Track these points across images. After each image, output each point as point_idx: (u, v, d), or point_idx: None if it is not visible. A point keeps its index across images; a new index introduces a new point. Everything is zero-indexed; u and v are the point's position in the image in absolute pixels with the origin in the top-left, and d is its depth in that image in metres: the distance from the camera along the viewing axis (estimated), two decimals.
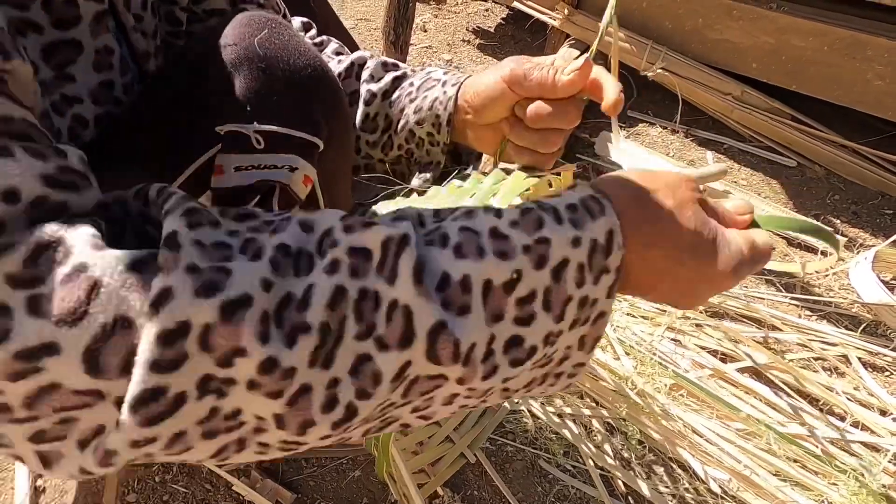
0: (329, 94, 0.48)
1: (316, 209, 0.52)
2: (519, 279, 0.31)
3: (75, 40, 0.40)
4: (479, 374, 0.31)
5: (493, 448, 0.86)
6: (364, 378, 0.29)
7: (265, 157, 0.44)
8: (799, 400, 0.94)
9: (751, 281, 1.17)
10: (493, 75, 0.52)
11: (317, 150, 0.47)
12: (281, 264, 0.29)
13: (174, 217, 0.28)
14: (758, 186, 1.44)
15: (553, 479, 0.83)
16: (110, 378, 0.25)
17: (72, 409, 0.25)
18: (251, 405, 0.28)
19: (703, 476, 0.82)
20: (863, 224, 1.34)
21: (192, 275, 0.26)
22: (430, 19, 2.07)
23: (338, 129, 0.50)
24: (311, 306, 0.28)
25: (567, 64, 0.49)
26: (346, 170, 0.55)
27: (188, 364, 0.26)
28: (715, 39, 1.55)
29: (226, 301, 0.26)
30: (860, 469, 0.82)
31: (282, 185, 0.46)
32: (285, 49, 0.45)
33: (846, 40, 1.39)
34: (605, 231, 0.34)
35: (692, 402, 0.92)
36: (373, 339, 0.29)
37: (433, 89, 0.57)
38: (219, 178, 0.44)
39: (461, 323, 0.30)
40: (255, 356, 0.26)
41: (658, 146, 1.54)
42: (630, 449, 0.86)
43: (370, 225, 0.30)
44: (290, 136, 0.45)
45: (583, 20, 1.63)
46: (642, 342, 0.99)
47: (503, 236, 0.32)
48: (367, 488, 0.81)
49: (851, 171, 1.45)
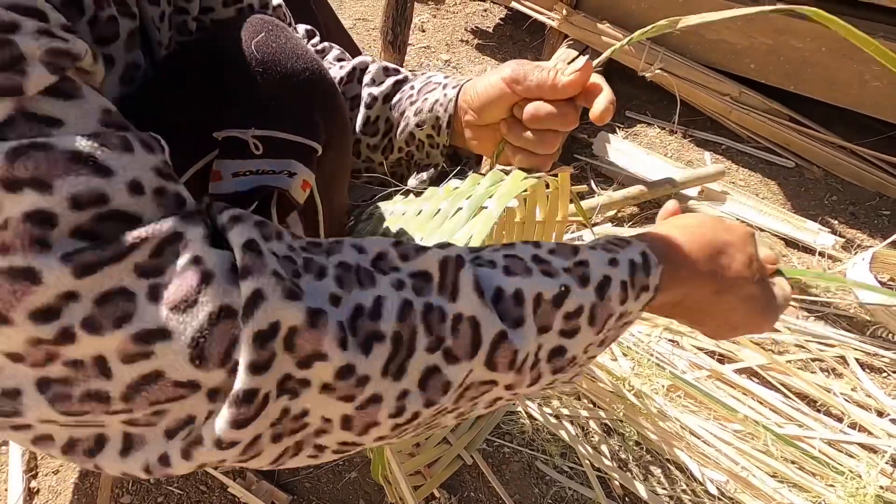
0: (327, 97, 0.48)
1: (314, 213, 0.51)
2: (567, 294, 0.34)
3: (111, 56, 0.40)
4: (526, 381, 0.34)
5: (490, 449, 0.86)
6: (432, 390, 0.30)
7: (263, 163, 0.44)
8: (796, 401, 0.93)
9: None
10: (495, 76, 0.52)
11: (315, 154, 0.47)
12: (344, 279, 0.30)
13: (247, 226, 0.28)
14: (756, 187, 1.44)
15: (550, 481, 0.83)
16: (211, 368, 0.26)
17: (166, 402, 0.26)
18: (320, 407, 0.29)
19: (701, 477, 0.82)
20: (860, 225, 1.34)
21: (279, 280, 0.27)
22: (428, 19, 2.07)
23: (336, 132, 0.50)
24: (382, 316, 0.29)
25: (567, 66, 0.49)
26: (344, 174, 0.55)
27: (275, 364, 0.27)
28: (713, 40, 1.55)
29: (310, 307, 0.27)
30: (857, 471, 0.82)
31: (280, 190, 0.46)
32: (283, 52, 0.45)
33: (843, 41, 1.39)
34: (638, 252, 0.38)
35: (689, 403, 0.91)
36: (441, 351, 0.30)
37: (434, 91, 0.57)
38: (216, 183, 0.44)
39: (518, 333, 0.32)
40: (334, 361, 0.28)
41: (656, 147, 1.53)
42: (627, 450, 0.86)
43: (424, 249, 0.32)
44: (288, 141, 0.45)
45: (581, 21, 1.63)
46: (640, 343, 0.98)
47: (545, 260, 0.35)
48: (364, 490, 0.80)
49: (849, 172, 1.45)
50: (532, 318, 0.33)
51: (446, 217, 0.51)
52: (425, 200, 0.55)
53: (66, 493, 0.77)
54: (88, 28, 0.37)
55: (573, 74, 0.48)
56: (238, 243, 0.27)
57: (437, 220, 0.51)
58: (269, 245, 0.29)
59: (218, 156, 0.43)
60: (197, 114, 0.43)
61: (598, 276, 0.35)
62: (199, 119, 0.42)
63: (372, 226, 0.59)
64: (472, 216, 0.49)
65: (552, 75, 0.49)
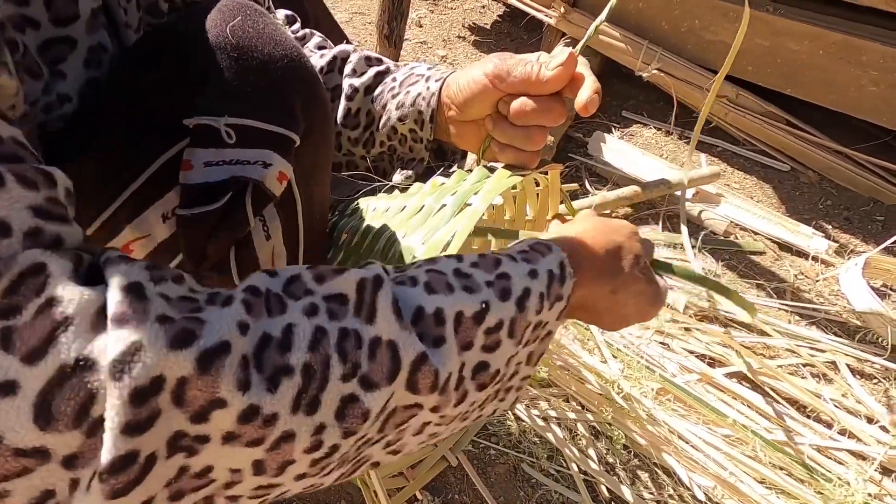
0: (306, 86, 0.46)
1: (292, 207, 0.50)
2: (487, 310, 0.34)
3: (71, 38, 0.39)
4: (452, 401, 0.33)
5: (476, 451, 0.84)
6: (351, 419, 0.29)
7: (237, 153, 0.42)
8: (786, 406, 0.93)
9: (741, 285, 1.17)
10: (477, 71, 0.51)
11: (293, 144, 0.45)
12: (253, 305, 0.28)
13: (135, 268, 0.26)
14: (750, 190, 1.43)
15: (536, 484, 0.82)
16: (61, 429, 0.22)
17: (9, 478, 0.22)
18: (225, 459, 0.26)
19: (688, 482, 0.81)
20: (854, 230, 1.34)
21: (165, 325, 0.24)
22: (425, 14, 2.05)
23: (316, 122, 0.47)
24: (292, 347, 0.27)
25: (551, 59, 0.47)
26: (326, 166, 0.53)
27: (160, 422, 0.24)
28: (710, 41, 1.54)
29: (202, 350, 0.25)
30: (846, 478, 0.81)
31: (255, 182, 0.44)
32: (260, 38, 0.42)
33: (841, 45, 1.38)
34: (557, 262, 0.38)
35: (679, 407, 0.90)
36: (358, 379, 0.29)
37: (416, 85, 0.55)
38: (187, 173, 0.42)
39: (439, 353, 0.32)
40: (235, 405, 0.25)
41: (652, 147, 1.52)
42: (615, 454, 0.85)
43: (341, 271, 0.31)
44: (263, 130, 0.42)
45: (579, 18, 1.62)
46: (630, 345, 0.97)
47: (466, 275, 0.35)
48: (346, 491, 0.79)
49: (844, 177, 1.44)
50: (453, 336, 0.32)
51: (430, 214, 0.49)
52: (409, 196, 0.54)
53: None
54: (44, 8, 0.35)
55: (557, 68, 0.46)
56: (118, 285, 0.24)
57: (421, 216, 0.50)
58: (161, 288, 0.26)
59: (189, 144, 0.41)
60: (167, 100, 0.41)
61: (518, 290, 0.35)
62: (169, 105, 0.41)
63: (354, 222, 0.57)
64: (455, 213, 0.48)
65: (536, 70, 0.47)
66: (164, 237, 0.45)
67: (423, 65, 0.58)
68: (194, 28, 0.41)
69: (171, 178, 0.42)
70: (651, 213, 1.31)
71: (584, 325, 0.99)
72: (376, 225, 0.53)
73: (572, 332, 0.99)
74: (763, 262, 1.23)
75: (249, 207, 0.44)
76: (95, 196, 0.43)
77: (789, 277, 1.19)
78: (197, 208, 0.42)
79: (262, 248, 0.48)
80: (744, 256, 1.23)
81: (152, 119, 0.41)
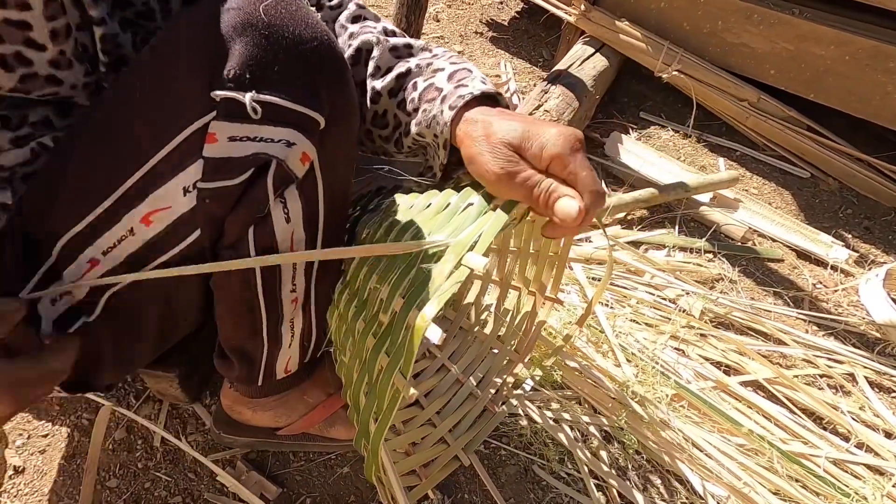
0: (335, 71, 0.45)
1: (314, 192, 0.49)
2: None
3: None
4: None
5: (487, 451, 0.84)
6: None
7: (261, 129, 0.42)
8: (802, 417, 0.91)
9: (758, 293, 1.15)
10: (483, 166, 0.46)
11: (318, 127, 0.45)
12: None
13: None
14: (769, 196, 1.41)
15: (547, 486, 0.81)
16: None
17: None
18: None
19: (701, 491, 0.80)
20: (875, 240, 1.31)
21: None
22: (443, 9, 2.03)
23: (342, 108, 0.47)
24: None
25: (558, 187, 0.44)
26: (350, 154, 0.52)
27: None
28: (733, 43, 1.51)
29: None
30: (863, 493, 0.80)
31: (278, 160, 0.44)
32: (292, 19, 0.42)
33: (868, 51, 1.36)
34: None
35: (693, 414, 0.89)
36: None
37: (433, 103, 0.52)
38: (211, 146, 0.42)
39: None
40: None
41: (669, 150, 1.50)
42: (627, 459, 0.84)
43: None
44: (289, 109, 0.42)
45: (599, 17, 1.59)
46: (644, 350, 0.96)
47: None
48: (356, 486, 0.78)
49: (865, 186, 1.42)
50: None
51: (456, 212, 0.48)
52: (434, 195, 0.53)
53: (52, 474, 0.76)
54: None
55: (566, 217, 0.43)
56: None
57: (447, 214, 0.49)
58: None
59: (215, 117, 0.41)
60: (196, 70, 0.40)
61: None
62: (197, 76, 0.40)
63: (379, 217, 0.57)
64: (482, 212, 0.47)
65: (544, 197, 0.44)
66: (184, 210, 0.45)
67: (446, 63, 0.55)
68: (227, 6, 0.41)
69: (195, 151, 0.42)
70: (668, 217, 1.29)
71: (598, 328, 0.98)
72: (401, 221, 0.52)
73: (586, 334, 0.97)
74: (781, 269, 1.21)
75: (270, 185, 0.44)
76: (117, 165, 0.43)
77: (807, 286, 1.17)
78: (218, 182, 0.43)
79: (282, 229, 0.48)
80: (761, 263, 1.21)
81: (179, 90, 0.41)
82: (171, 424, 0.82)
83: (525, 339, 0.82)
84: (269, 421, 0.74)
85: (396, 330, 0.44)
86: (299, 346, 0.62)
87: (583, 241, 1.18)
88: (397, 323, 0.44)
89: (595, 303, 0.71)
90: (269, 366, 0.63)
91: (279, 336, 0.59)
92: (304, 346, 0.63)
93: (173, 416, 0.83)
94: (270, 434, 0.76)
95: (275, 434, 0.76)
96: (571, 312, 0.99)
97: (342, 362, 0.60)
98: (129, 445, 0.79)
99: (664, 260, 1.15)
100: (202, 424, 0.82)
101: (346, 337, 0.56)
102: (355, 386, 0.53)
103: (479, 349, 0.86)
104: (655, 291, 1.08)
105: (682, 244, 1.21)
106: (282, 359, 0.63)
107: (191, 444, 0.80)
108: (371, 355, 0.49)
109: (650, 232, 1.24)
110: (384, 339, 0.47)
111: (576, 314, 0.98)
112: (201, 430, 0.82)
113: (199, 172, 0.42)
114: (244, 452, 0.79)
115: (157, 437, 0.80)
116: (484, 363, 0.85)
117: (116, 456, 0.78)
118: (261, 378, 0.64)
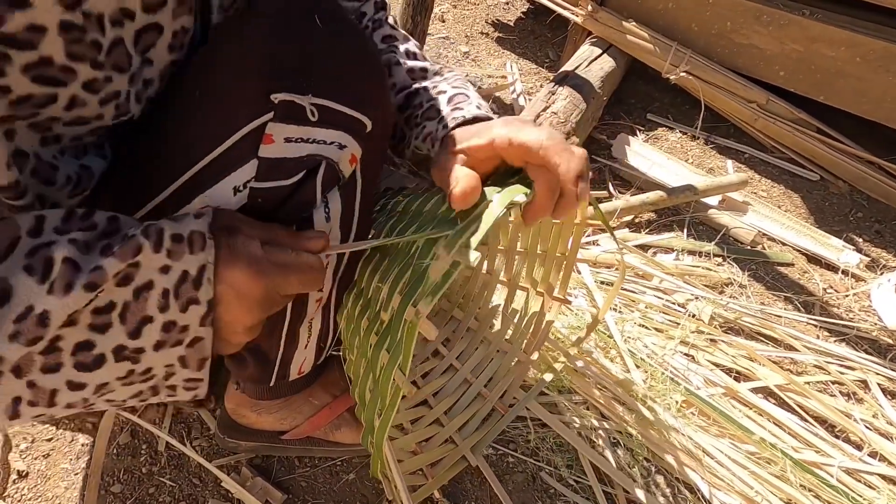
0: (380, 78, 0.48)
1: (352, 192, 0.50)
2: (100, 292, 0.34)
3: (159, 24, 0.39)
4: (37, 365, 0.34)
5: (494, 457, 0.83)
6: None
7: (317, 132, 0.43)
8: (814, 425, 0.90)
9: (768, 298, 1.13)
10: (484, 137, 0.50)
11: (365, 129, 0.47)
12: None
13: None
14: (778, 199, 1.40)
15: (555, 494, 0.80)
16: None
17: None
18: None
19: (711, 499, 0.79)
20: (886, 244, 1.30)
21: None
22: (448, 9, 2.02)
23: (383, 112, 0.49)
24: None
25: None
26: (383, 157, 0.55)
27: None
28: (742, 44, 1.50)
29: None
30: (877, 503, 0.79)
31: (329, 161, 0.45)
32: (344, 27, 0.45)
33: (879, 52, 1.34)
34: (197, 265, 0.37)
35: (703, 421, 0.88)
36: None
37: (433, 121, 0.56)
38: (268, 146, 0.42)
39: None
40: None
41: (677, 152, 1.49)
42: (636, 465, 0.83)
43: None
44: (342, 113, 0.44)
45: (606, 17, 1.58)
46: (654, 355, 0.95)
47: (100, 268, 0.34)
48: (361, 492, 0.77)
49: (876, 189, 1.40)
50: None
51: None
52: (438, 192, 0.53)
53: (55, 479, 0.75)
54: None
55: None
56: None
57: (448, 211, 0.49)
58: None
59: (272, 119, 0.41)
60: (253, 73, 0.41)
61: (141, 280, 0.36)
62: (254, 78, 0.41)
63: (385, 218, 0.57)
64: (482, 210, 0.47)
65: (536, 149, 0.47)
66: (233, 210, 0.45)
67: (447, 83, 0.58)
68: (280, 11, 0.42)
69: (250, 151, 0.42)
70: (676, 220, 1.28)
71: (606, 333, 0.97)
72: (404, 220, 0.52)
73: (594, 339, 0.96)
74: (791, 274, 1.20)
75: (319, 187, 0.46)
76: (167, 166, 0.43)
77: (818, 291, 1.16)
78: (271, 182, 0.43)
79: (321, 228, 0.49)
80: (771, 267, 1.20)
81: (233, 94, 0.42)
82: (176, 429, 0.81)
83: (533, 339, 0.81)
84: (273, 424, 0.73)
85: (395, 327, 0.45)
86: (315, 347, 0.62)
87: (590, 244, 1.17)
88: (395, 320, 0.45)
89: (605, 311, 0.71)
90: (283, 366, 0.62)
91: (297, 336, 0.59)
92: (321, 346, 0.63)
93: (178, 420, 0.82)
94: (275, 438, 0.75)
95: (279, 438, 0.75)
96: (580, 317, 0.98)
97: (350, 361, 0.60)
98: (133, 450, 0.79)
99: (673, 264, 1.14)
100: (207, 430, 0.81)
101: (353, 335, 0.57)
102: (361, 383, 0.53)
103: (486, 350, 0.85)
104: (664, 296, 1.07)
105: (690, 248, 1.20)
106: (297, 359, 0.62)
107: (195, 449, 0.79)
108: (374, 353, 0.49)
109: (658, 235, 1.22)
110: (385, 337, 0.47)
111: (584, 318, 0.97)
112: (206, 436, 0.81)
113: (253, 172, 0.43)
114: (249, 458, 0.79)
115: (162, 441, 0.79)
116: (492, 364, 0.84)
117: (120, 461, 0.77)
118: (273, 378, 0.63)
